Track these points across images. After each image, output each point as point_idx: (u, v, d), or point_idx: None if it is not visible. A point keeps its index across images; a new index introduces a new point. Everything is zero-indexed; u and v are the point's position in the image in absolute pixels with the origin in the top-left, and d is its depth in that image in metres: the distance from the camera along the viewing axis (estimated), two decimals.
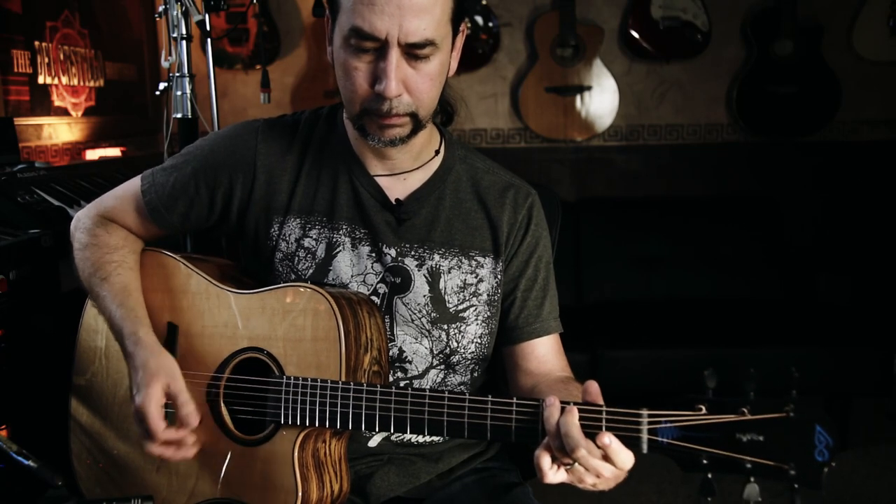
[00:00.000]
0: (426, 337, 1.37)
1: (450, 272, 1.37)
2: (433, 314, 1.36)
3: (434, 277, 1.37)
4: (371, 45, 1.19)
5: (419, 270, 1.37)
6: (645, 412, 1.03)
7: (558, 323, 1.45)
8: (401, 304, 1.36)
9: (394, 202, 1.37)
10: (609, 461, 1.04)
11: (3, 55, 2.66)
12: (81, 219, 1.47)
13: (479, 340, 1.39)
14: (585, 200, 3.99)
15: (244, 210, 1.40)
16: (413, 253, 1.37)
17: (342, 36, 1.22)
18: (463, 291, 1.38)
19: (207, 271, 1.39)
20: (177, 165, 1.43)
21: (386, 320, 1.36)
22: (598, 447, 1.03)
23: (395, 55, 1.19)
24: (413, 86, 1.23)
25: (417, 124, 1.27)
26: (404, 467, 1.42)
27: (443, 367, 1.39)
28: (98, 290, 1.38)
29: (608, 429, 1.04)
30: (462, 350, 1.38)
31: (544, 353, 1.43)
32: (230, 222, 1.43)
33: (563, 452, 1.05)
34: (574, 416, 1.05)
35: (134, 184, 1.46)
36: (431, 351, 1.37)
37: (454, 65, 1.32)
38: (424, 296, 1.36)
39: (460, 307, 1.37)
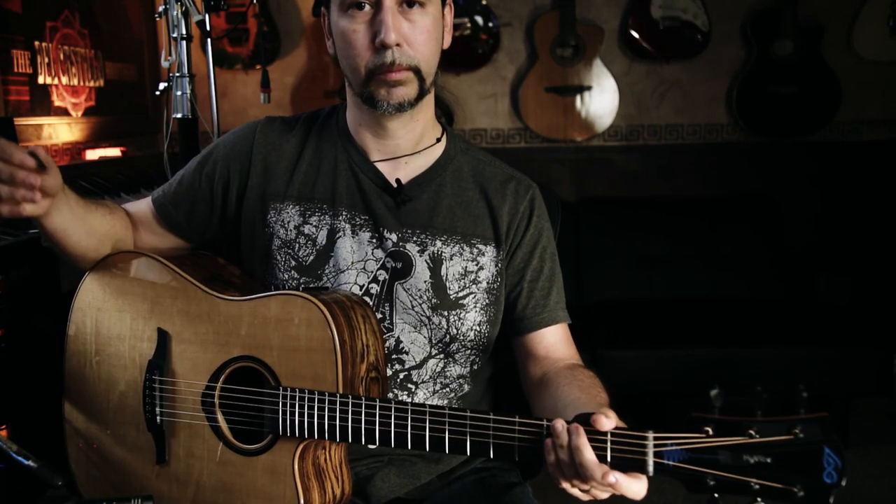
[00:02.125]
0: (425, 325, 1.37)
1: (451, 259, 1.38)
2: (434, 300, 1.37)
3: (436, 263, 1.37)
4: (365, 1, 1.26)
5: (420, 256, 1.37)
6: (650, 434, 1.01)
7: (566, 313, 1.46)
8: (401, 290, 1.37)
9: (394, 184, 1.38)
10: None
11: (3, 55, 2.66)
12: None
13: (477, 328, 1.40)
14: (585, 200, 3.99)
15: (241, 197, 1.43)
16: (415, 238, 1.38)
17: (338, 6, 1.30)
18: (464, 279, 1.38)
19: (197, 275, 1.37)
20: (184, 167, 1.51)
21: (385, 308, 1.36)
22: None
23: (389, 5, 1.26)
24: (410, 37, 1.28)
25: (422, 84, 1.31)
26: (404, 468, 1.42)
27: (442, 356, 1.39)
28: None
29: (613, 451, 1.03)
30: (462, 338, 1.39)
31: (553, 343, 1.43)
32: (229, 213, 1.45)
33: (578, 479, 1.04)
34: (584, 441, 1.03)
35: (150, 195, 1.55)
36: (430, 340, 1.38)
37: (447, 38, 1.38)
38: (425, 281, 1.37)
39: (461, 294, 1.38)
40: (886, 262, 3.89)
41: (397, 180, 1.38)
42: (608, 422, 1.03)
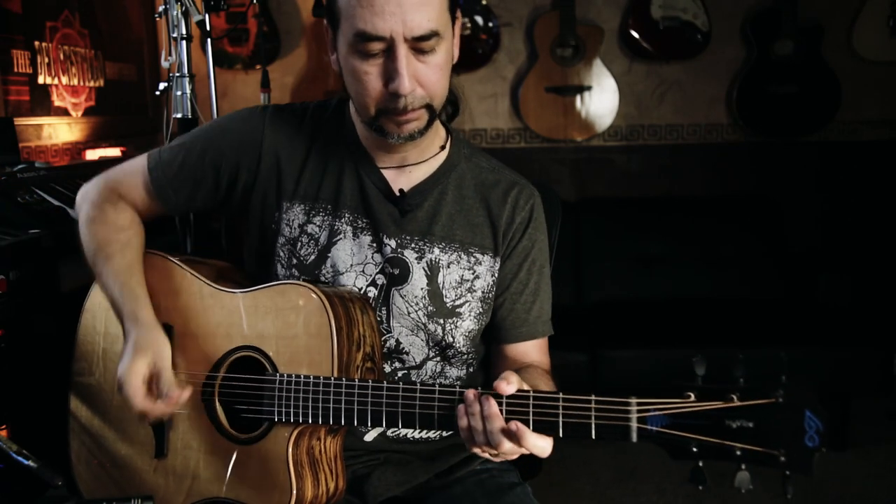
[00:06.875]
0: (422, 330, 1.37)
1: (449, 267, 1.38)
2: (430, 307, 1.37)
3: (433, 271, 1.37)
4: (378, 47, 1.20)
5: (418, 263, 1.37)
6: (633, 400, 1.04)
7: (548, 326, 1.45)
8: (398, 297, 1.36)
9: (397, 193, 1.37)
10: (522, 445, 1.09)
11: (3, 55, 2.66)
12: (89, 191, 1.47)
13: (469, 335, 1.40)
14: (585, 200, 3.99)
15: (249, 192, 1.41)
16: (413, 245, 1.37)
17: (347, 43, 1.22)
18: (460, 287, 1.38)
19: (202, 272, 1.39)
20: (184, 145, 1.43)
21: (382, 312, 1.36)
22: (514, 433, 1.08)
23: (402, 52, 1.19)
24: (424, 79, 1.23)
25: (433, 115, 1.28)
26: (401, 467, 1.42)
27: (439, 359, 1.40)
28: (101, 268, 1.39)
29: (597, 418, 1.05)
30: (457, 345, 1.39)
31: (526, 356, 1.44)
32: (234, 203, 1.43)
33: (488, 445, 1.12)
34: (493, 411, 1.09)
35: (140, 161, 1.45)
36: (427, 343, 1.38)
37: (456, 52, 1.33)
38: (422, 289, 1.36)
39: (457, 302, 1.38)
40: (887, 263, 3.89)
41: (400, 190, 1.37)
42: (509, 387, 1.10)
